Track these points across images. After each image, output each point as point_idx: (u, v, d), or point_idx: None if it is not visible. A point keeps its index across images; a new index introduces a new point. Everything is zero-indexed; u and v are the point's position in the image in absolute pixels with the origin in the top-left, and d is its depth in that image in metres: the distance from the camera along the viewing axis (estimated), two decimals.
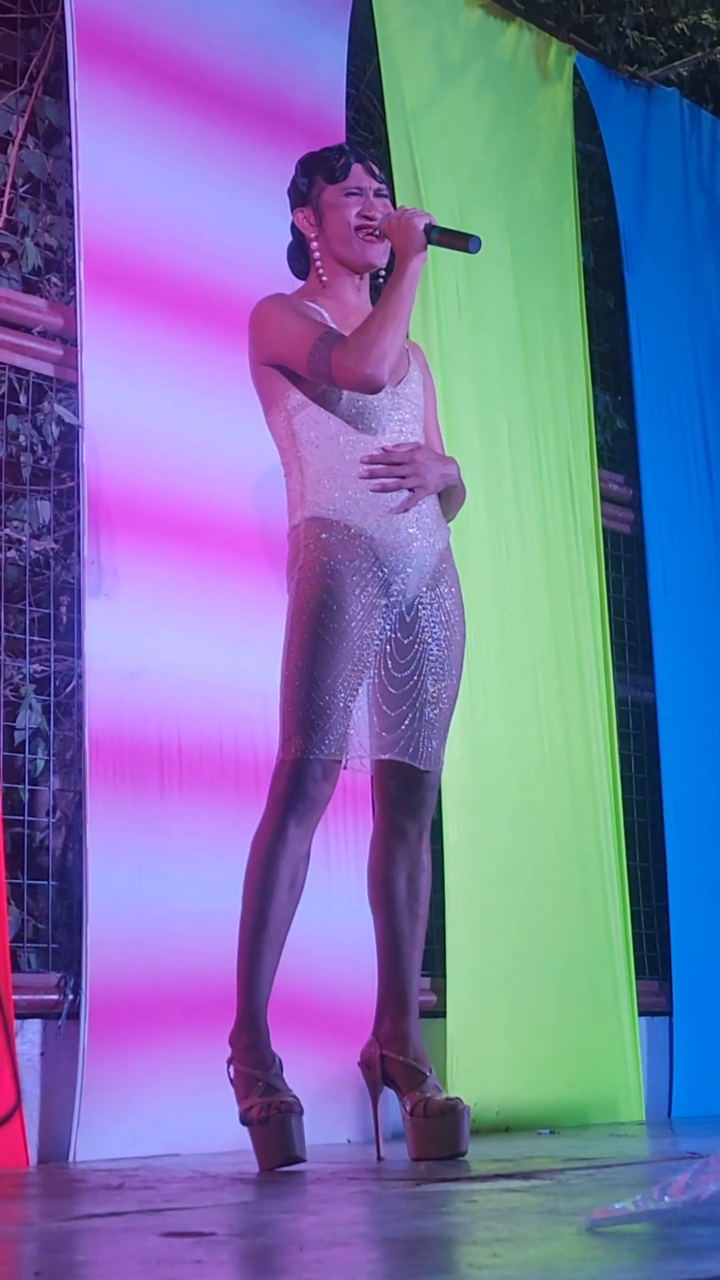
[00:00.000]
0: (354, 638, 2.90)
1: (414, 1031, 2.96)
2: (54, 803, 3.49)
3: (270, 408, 3.04)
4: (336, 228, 3.04)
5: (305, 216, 3.08)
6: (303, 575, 2.93)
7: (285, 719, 2.90)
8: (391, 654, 2.96)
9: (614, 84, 5.03)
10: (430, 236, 2.96)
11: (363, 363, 2.88)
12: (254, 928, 2.85)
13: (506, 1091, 3.92)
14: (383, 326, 2.89)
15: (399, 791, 2.99)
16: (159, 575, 3.51)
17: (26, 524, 3.51)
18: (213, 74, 3.83)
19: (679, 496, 4.98)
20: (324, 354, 2.91)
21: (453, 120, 4.45)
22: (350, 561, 2.92)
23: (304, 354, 2.93)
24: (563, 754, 4.32)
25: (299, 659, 2.89)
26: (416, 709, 2.96)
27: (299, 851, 2.87)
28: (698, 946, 4.66)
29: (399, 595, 2.96)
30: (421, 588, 2.99)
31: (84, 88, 3.53)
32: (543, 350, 4.56)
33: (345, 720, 2.88)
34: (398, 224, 2.97)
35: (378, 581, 2.94)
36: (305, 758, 2.86)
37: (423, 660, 2.98)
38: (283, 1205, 2.25)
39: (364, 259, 3.05)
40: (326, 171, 3.07)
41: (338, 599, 2.90)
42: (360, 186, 3.05)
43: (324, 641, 2.88)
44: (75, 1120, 3.14)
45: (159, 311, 3.61)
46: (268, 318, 3.01)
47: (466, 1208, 2.11)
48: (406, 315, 2.94)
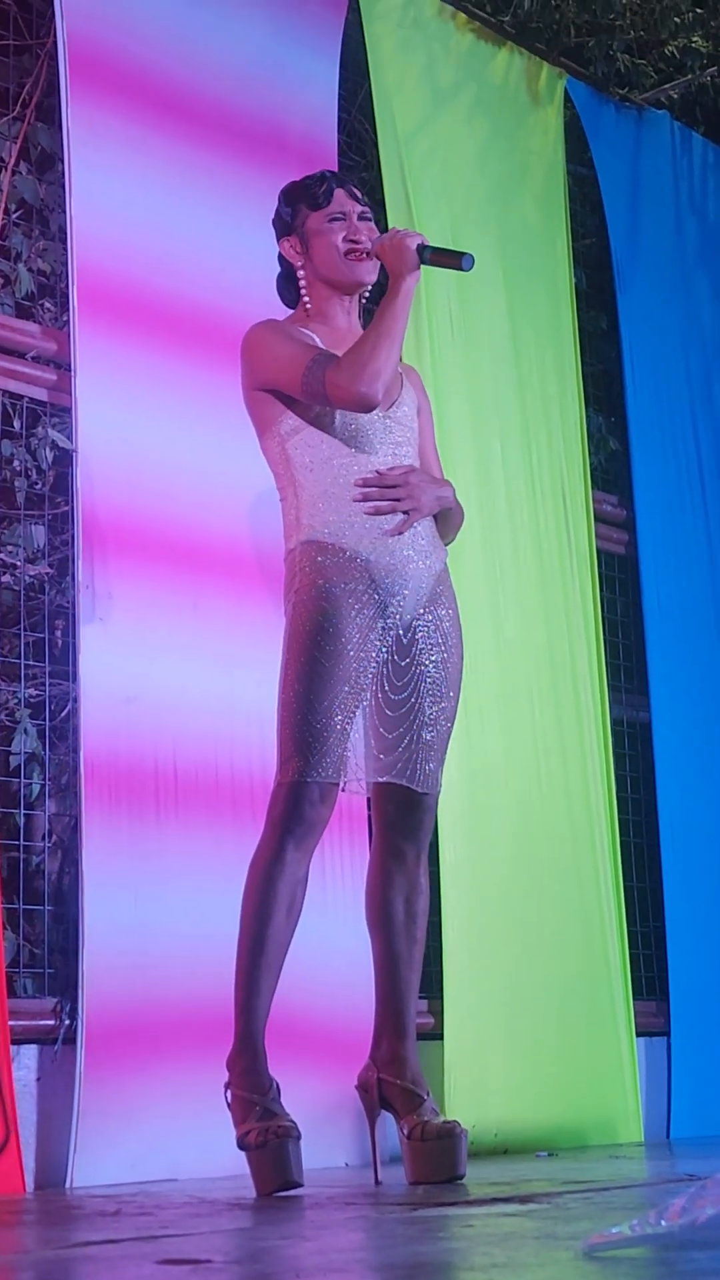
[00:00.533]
0: (351, 660, 2.90)
1: (411, 1054, 2.96)
2: (50, 827, 3.49)
3: (264, 433, 3.05)
4: (323, 253, 3.05)
5: (291, 245, 3.09)
6: (299, 598, 2.94)
7: (282, 742, 2.90)
8: (389, 676, 2.96)
9: (605, 107, 5.05)
10: (423, 256, 2.97)
11: (357, 381, 2.89)
12: (252, 951, 2.85)
13: (504, 1114, 3.91)
14: (376, 345, 2.90)
15: (397, 814, 3.00)
16: (154, 599, 3.51)
17: (21, 548, 3.52)
18: (205, 99, 3.85)
19: (673, 516, 4.99)
20: (318, 374, 2.92)
21: (444, 144, 4.46)
22: (346, 584, 2.93)
23: (297, 376, 2.94)
24: (559, 774, 4.32)
25: (296, 682, 2.89)
26: (414, 731, 2.97)
27: (297, 874, 2.87)
28: (695, 967, 4.66)
29: (396, 617, 2.96)
30: (418, 610, 2.99)
31: (77, 114, 3.55)
32: (536, 372, 4.57)
33: (343, 743, 2.89)
34: (390, 245, 2.98)
35: (374, 604, 2.94)
36: (303, 780, 2.87)
37: (420, 682, 2.98)
38: (280, 1231, 2.25)
39: (353, 278, 3.06)
40: (309, 199, 3.08)
41: (334, 622, 2.90)
42: (344, 210, 3.07)
43: (321, 664, 2.88)
44: (72, 1145, 3.14)
45: (152, 336, 3.62)
46: (259, 343, 3.02)
47: (464, 1232, 2.11)
48: (400, 334, 2.95)
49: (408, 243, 2.96)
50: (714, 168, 5.39)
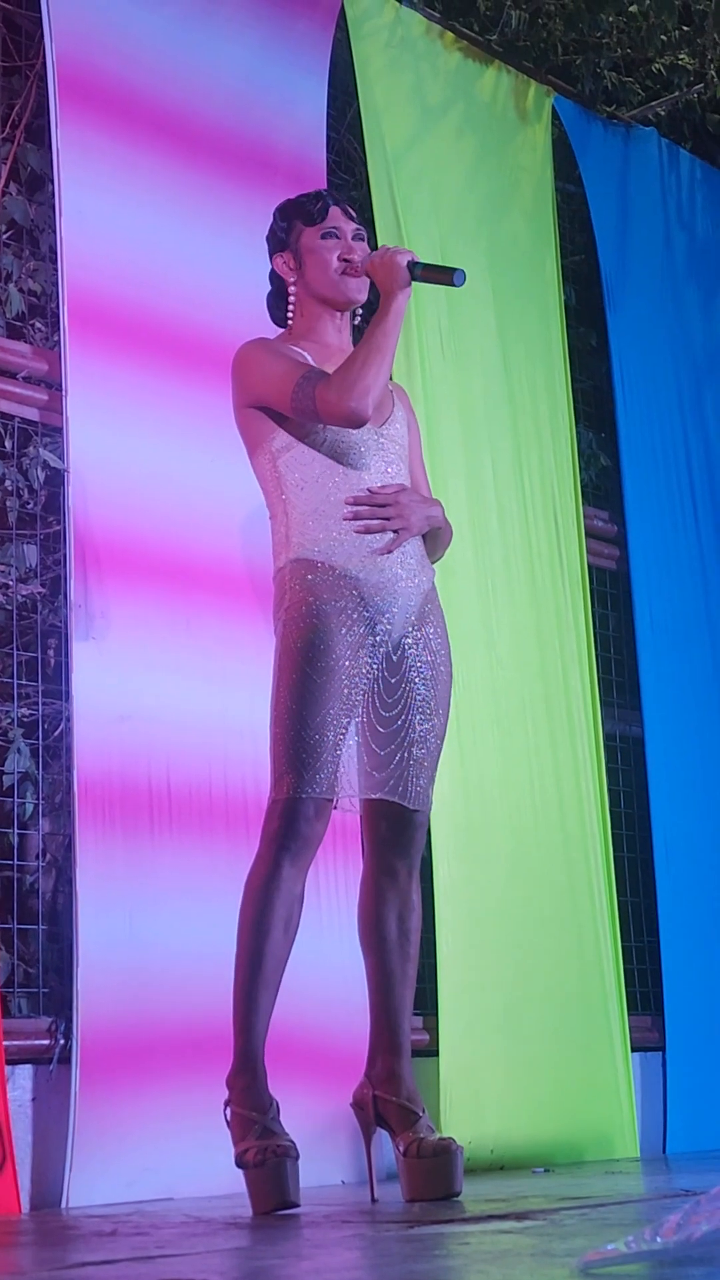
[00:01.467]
0: (341, 676, 2.91)
1: (407, 1071, 2.96)
2: (43, 846, 3.49)
3: (255, 451, 3.05)
4: (316, 270, 3.06)
5: (285, 261, 3.10)
6: (289, 616, 2.94)
7: (276, 758, 2.90)
8: (379, 693, 2.97)
9: (592, 124, 5.07)
10: (414, 273, 2.98)
11: (346, 397, 2.89)
12: (250, 969, 2.84)
13: (500, 1130, 3.91)
14: (366, 361, 2.91)
15: (389, 831, 3.00)
16: (146, 618, 3.52)
17: (13, 568, 3.52)
18: (194, 119, 3.86)
19: (664, 532, 5.00)
20: (308, 390, 2.93)
21: (433, 162, 4.48)
22: (336, 602, 2.93)
23: (287, 392, 2.95)
24: (552, 790, 4.33)
25: (288, 698, 2.90)
26: (405, 748, 2.97)
27: (293, 891, 2.87)
28: (690, 981, 4.66)
29: (385, 635, 2.97)
30: (407, 628, 3.00)
31: (66, 134, 3.56)
32: (526, 389, 4.58)
33: (336, 759, 2.89)
34: (380, 262, 3.00)
35: (363, 621, 2.95)
36: (297, 796, 2.87)
37: (410, 699, 2.99)
38: (276, 1250, 2.24)
39: (345, 296, 3.07)
40: (304, 215, 3.09)
41: (325, 639, 2.91)
42: (338, 228, 3.08)
43: (312, 680, 2.89)
44: (68, 1166, 3.13)
45: (143, 355, 3.63)
46: (250, 360, 3.03)
47: (460, 1250, 2.11)
48: (391, 351, 2.96)
49: (398, 260, 2.97)
50: (702, 184, 5.41)
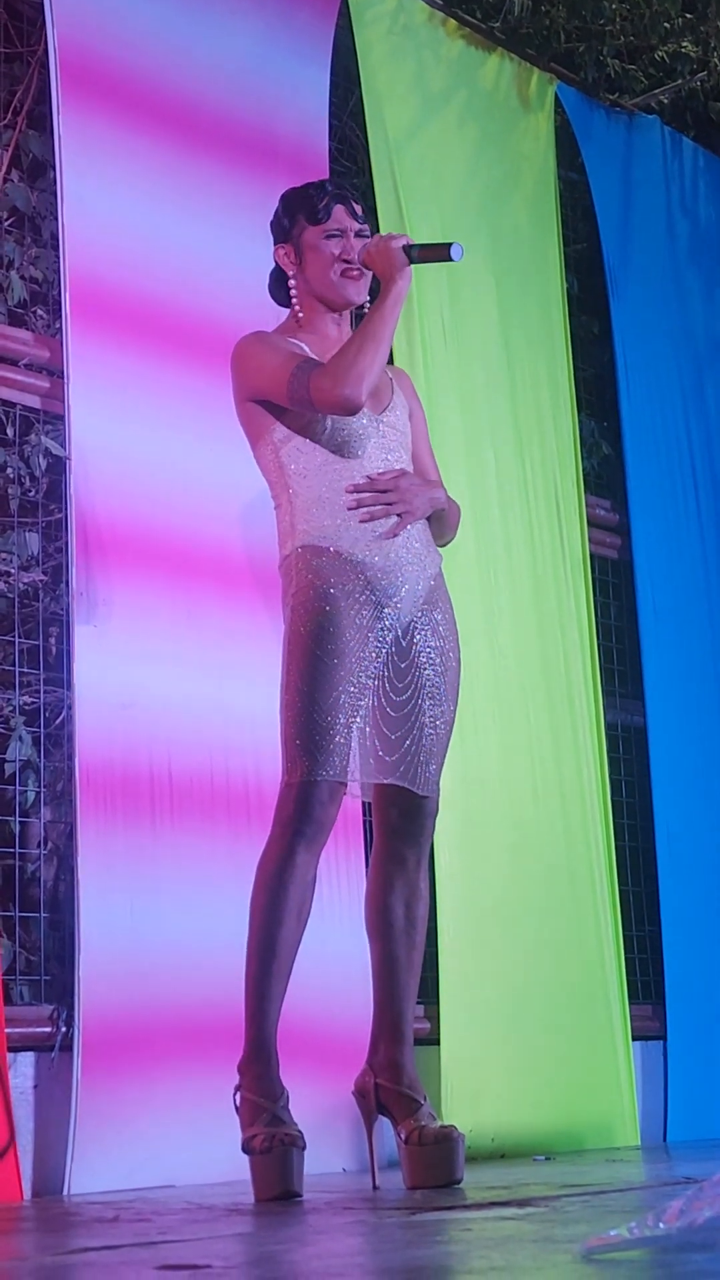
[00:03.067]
0: (351, 659, 2.90)
1: (409, 1060, 2.96)
2: (45, 834, 3.49)
3: (256, 442, 3.05)
4: (316, 268, 3.06)
5: (285, 254, 3.10)
6: (297, 601, 2.94)
7: (288, 743, 2.89)
8: (389, 678, 2.96)
9: (595, 112, 5.06)
10: (410, 255, 2.97)
11: (340, 383, 2.89)
12: (262, 956, 2.84)
13: (501, 1118, 3.91)
14: (361, 347, 2.91)
15: (399, 819, 3.00)
16: (148, 606, 3.52)
17: (15, 556, 3.52)
18: (196, 106, 3.85)
19: (666, 520, 4.99)
20: (303, 380, 2.92)
21: (435, 150, 4.47)
22: (343, 586, 2.93)
23: (283, 383, 2.94)
24: (554, 779, 4.33)
25: (299, 682, 2.89)
26: (415, 733, 2.97)
27: (306, 878, 2.87)
28: (691, 970, 4.66)
29: (393, 619, 2.96)
30: (415, 612, 2.99)
31: (68, 121, 3.55)
32: (528, 377, 4.58)
33: (348, 741, 2.89)
34: (376, 250, 2.99)
35: (371, 605, 2.94)
36: (311, 780, 2.86)
37: (420, 684, 2.98)
38: (278, 1236, 2.25)
39: (343, 297, 3.07)
40: (309, 212, 3.08)
41: (334, 621, 2.90)
42: (341, 228, 3.07)
43: (322, 663, 2.88)
44: (69, 1153, 3.13)
45: (145, 343, 3.62)
46: (247, 354, 3.03)
47: (462, 1236, 2.11)
48: (387, 337, 2.95)
49: (393, 245, 2.97)
50: (704, 172, 5.40)
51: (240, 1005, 2.88)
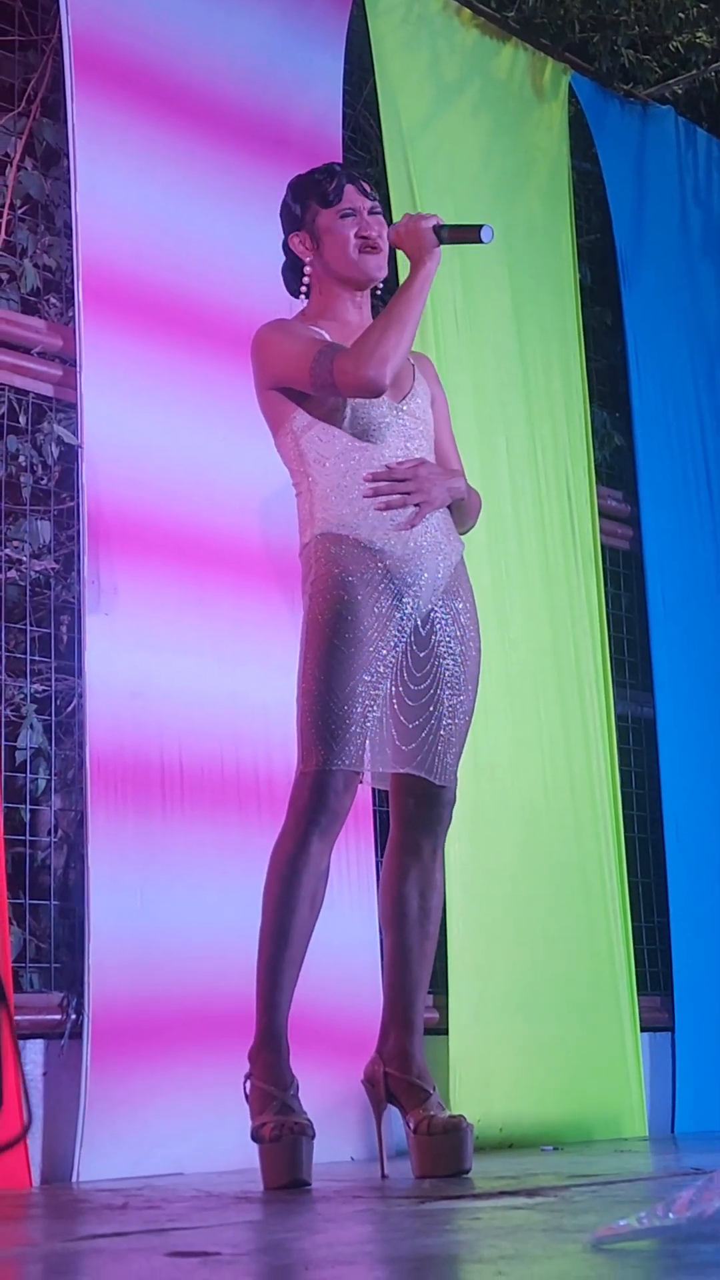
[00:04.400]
0: (369, 648, 2.89)
1: (418, 1049, 2.96)
2: (55, 822, 3.49)
3: (277, 430, 3.04)
4: (334, 249, 3.05)
5: (301, 241, 3.08)
6: (315, 589, 2.93)
7: (304, 731, 2.89)
8: (408, 666, 2.96)
9: (609, 102, 5.05)
10: (440, 236, 2.95)
11: (365, 365, 2.88)
12: (275, 944, 2.84)
13: (509, 1109, 3.91)
14: (386, 330, 2.90)
15: (416, 809, 2.99)
16: (159, 594, 3.52)
17: (27, 544, 3.52)
18: (210, 95, 3.85)
19: (678, 512, 4.99)
20: (325, 364, 2.91)
21: (449, 140, 4.46)
22: (362, 574, 2.92)
23: (306, 368, 2.93)
24: (563, 770, 4.33)
25: (316, 670, 2.88)
26: (433, 722, 2.96)
27: (320, 867, 2.86)
28: (699, 961, 4.66)
29: (412, 608, 2.96)
30: (435, 601, 2.99)
31: (82, 109, 3.55)
32: (540, 368, 4.57)
33: (364, 731, 2.88)
34: (405, 230, 2.97)
35: (390, 594, 2.93)
36: (327, 769, 2.85)
37: (439, 674, 2.98)
38: (287, 1224, 2.25)
39: (365, 274, 3.06)
40: (320, 196, 3.07)
41: (352, 610, 2.90)
42: (354, 207, 3.06)
43: (340, 651, 2.87)
44: (78, 1140, 3.14)
45: (158, 331, 3.62)
46: (268, 342, 3.02)
47: (471, 1225, 2.11)
48: (413, 321, 2.94)
49: (423, 225, 2.95)
50: (718, 163, 5.38)
51: (249, 994, 2.88)
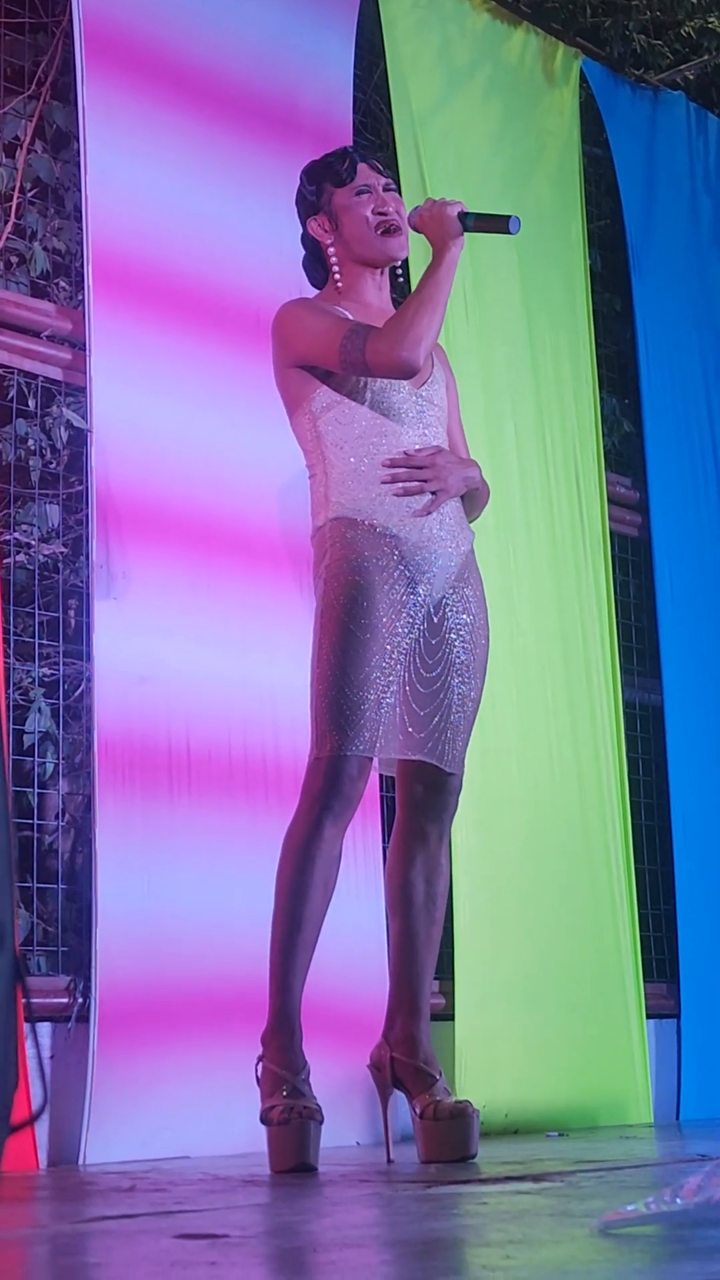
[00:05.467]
0: (383, 634, 2.89)
1: (424, 1035, 2.96)
2: (63, 806, 3.49)
3: (295, 411, 3.03)
4: (354, 227, 3.04)
5: (320, 224, 3.07)
6: (330, 574, 2.92)
7: (318, 716, 2.88)
8: (421, 654, 2.95)
9: (620, 87, 5.03)
10: (465, 224, 2.93)
11: (399, 346, 2.87)
12: (288, 929, 2.84)
13: (515, 1094, 3.92)
14: (419, 311, 2.89)
15: (424, 795, 2.99)
16: (168, 579, 3.51)
17: (35, 528, 3.52)
18: (220, 79, 3.84)
19: (686, 499, 4.98)
20: (357, 343, 2.90)
21: (460, 124, 4.45)
22: (377, 560, 2.91)
23: (335, 347, 2.92)
24: (570, 757, 4.33)
25: (330, 655, 2.87)
26: (444, 709, 2.96)
27: (332, 853, 2.86)
28: (706, 949, 4.66)
29: (425, 595, 2.95)
30: (447, 589, 2.98)
31: (92, 93, 3.54)
32: (550, 354, 4.56)
33: (378, 716, 2.87)
34: (430, 215, 2.96)
35: (404, 580, 2.93)
36: (341, 754, 2.85)
37: (449, 661, 2.97)
38: (295, 1208, 2.26)
39: (384, 253, 3.05)
40: (333, 176, 3.06)
41: (367, 595, 2.89)
42: (369, 184, 3.05)
43: (355, 637, 2.87)
44: (85, 1123, 3.15)
45: (167, 315, 3.62)
46: (293, 319, 3.00)
47: (478, 1210, 2.11)
48: (443, 303, 2.92)
49: (448, 211, 2.93)
50: None
51: (256, 978, 2.89)
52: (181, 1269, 1.59)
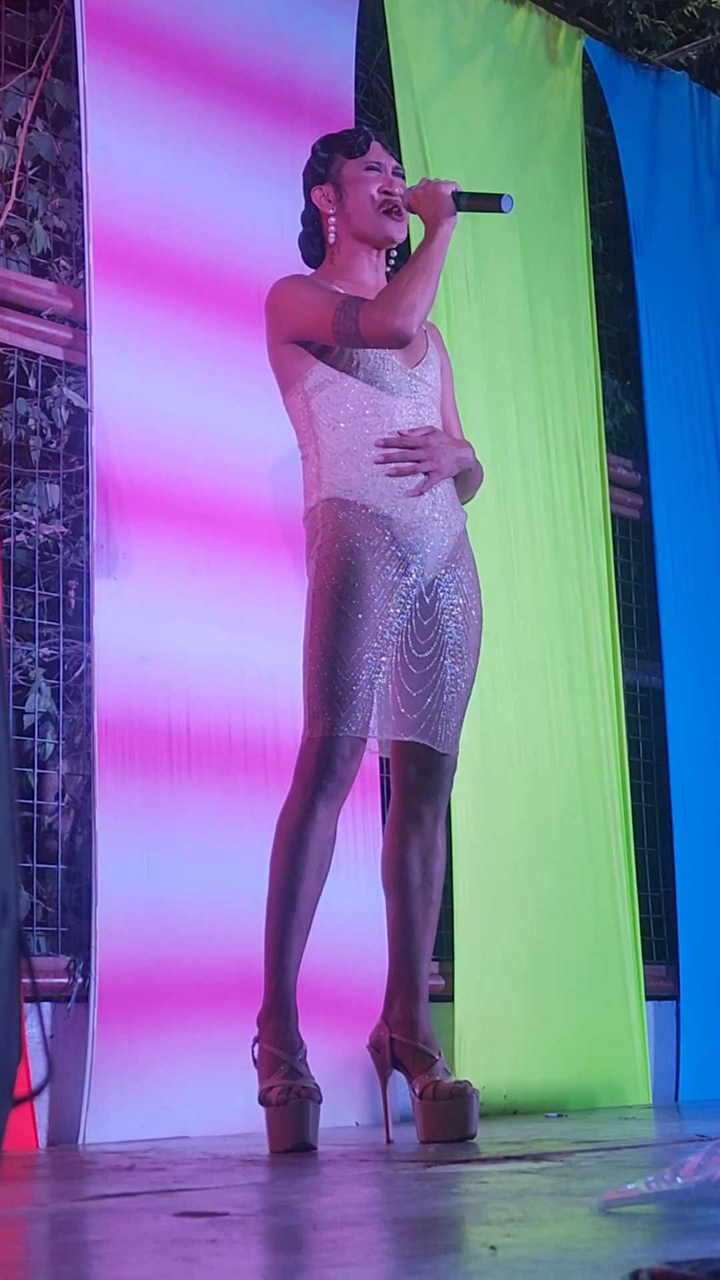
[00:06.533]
0: (375, 614, 2.89)
1: (423, 1015, 2.97)
2: (63, 787, 3.49)
3: (288, 389, 3.03)
4: (357, 202, 3.03)
5: (324, 193, 3.07)
6: (322, 555, 2.92)
7: (311, 697, 2.88)
8: (413, 634, 2.95)
9: (623, 68, 5.01)
10: (459, 203, 2.93)
11: (392, 314, 2.87)
12: (283, 910, 2.84)
13: (514, 1075, 3.92)
14: (411, 281, 2.89)
15: (417, 775, 2.99)
16: (168, 559, 3.51)
17: (35, 507, 3.51)
18: (222, 57, 3.82)
19: (687, 480, 4.97)
20: (351, 314, 2.90)
21: (462, 104, 4.44)
22: (369, 540, 2.91)
23: (328, 319, 2.91)
24: (571, 739, 4.32)
25: (323, 636, 2.87)
26: (436, 690, 2.96)
27: (326, 833, 2.86)
28: (705, 931, 4.67)
29: (418, 575, 2.95)
30: (439, 570, 2.98)
31: (93, 70, 3.53)
32: (551, 335, 4.55)
33: (370, 697, 2.87)
34: (424, 193, 2.96)
35: (396, 560, 2.93)
36: (333, 735, 2.85)
37: (442, 642, 2.97)
38: (295, 1186, 2.26)
39: (383, 233, 3.04)
40: (346, 147, 3.06)
41: (359, 576, 2.89)
42: (379, 162, 3.05)
43: (347, 618, 2.87)
44: (85, 1103, 3.15)
45: (168, 295, 3.61)
46: (287, 294, 3.00)
47: (478, 1189, 2.12)
48: (436, 274, 2.92)
49: (442, 190, 2.94)
50: None
51: (255, 958, 2.89)
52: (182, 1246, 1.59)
